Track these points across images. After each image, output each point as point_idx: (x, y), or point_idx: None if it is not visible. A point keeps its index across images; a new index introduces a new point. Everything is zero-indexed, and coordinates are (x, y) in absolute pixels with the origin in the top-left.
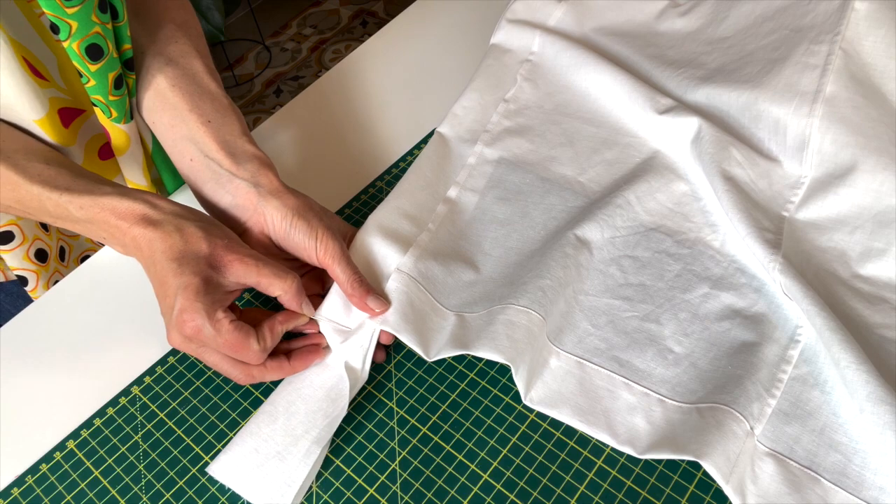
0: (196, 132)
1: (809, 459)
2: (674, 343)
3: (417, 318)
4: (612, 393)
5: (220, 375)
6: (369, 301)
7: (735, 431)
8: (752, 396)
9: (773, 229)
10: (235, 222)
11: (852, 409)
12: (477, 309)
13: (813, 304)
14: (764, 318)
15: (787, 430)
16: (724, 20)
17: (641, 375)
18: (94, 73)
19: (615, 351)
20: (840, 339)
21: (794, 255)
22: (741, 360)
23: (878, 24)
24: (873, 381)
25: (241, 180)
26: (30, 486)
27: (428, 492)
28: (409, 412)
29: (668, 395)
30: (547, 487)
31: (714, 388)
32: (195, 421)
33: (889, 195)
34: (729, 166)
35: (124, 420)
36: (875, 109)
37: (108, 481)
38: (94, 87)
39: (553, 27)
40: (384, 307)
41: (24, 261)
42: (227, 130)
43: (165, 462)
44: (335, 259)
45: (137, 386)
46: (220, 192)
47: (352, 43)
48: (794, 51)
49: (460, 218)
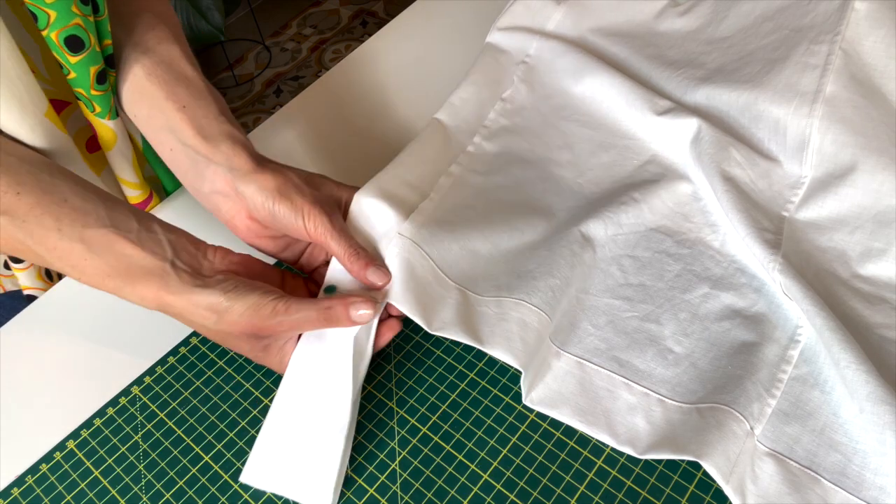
0: (173, 120)
1: (809, 459)
2: (674, 343)
3: (418, 287)
4: (612, 393)
5: (220, 375)
6: (369, 274)
7: (735, 431)
8: (753, 396)
9: (773, 229)
10: (222, 208)
11: (852, 409)
12: (481, 289)
13: (813, 304)
14: (764, 318)
15: (787, 430)
16: (723, 20)
17: (641, 375)
18: (74, 66)
19: (615, 351)
20: (840, 339)
21: (794, 255)
22: (741, 360)
23: (879, 24)
24: (873, 380)
25: (216, 165)
26: (30, 486)
27: (428, 492)
28: (409, 412)
29: (668, 395)
30: (547, 487)
31: (714, 389)
32: (195, 421)
33: (889, 195)
34: (729, 167)
35: (124, 420)
36: (875, 109)
37: (108, 481)
38: (76, 79)
39: (552, 30)
40: (385, 279)
41: (36, 280)
42: (202, 114)
43: (165, 462)
44: (327, 233)
45: (137, 386)
46: (201, 180)
47: (352, 43)
48: (794, 51)
49: (463, 191)
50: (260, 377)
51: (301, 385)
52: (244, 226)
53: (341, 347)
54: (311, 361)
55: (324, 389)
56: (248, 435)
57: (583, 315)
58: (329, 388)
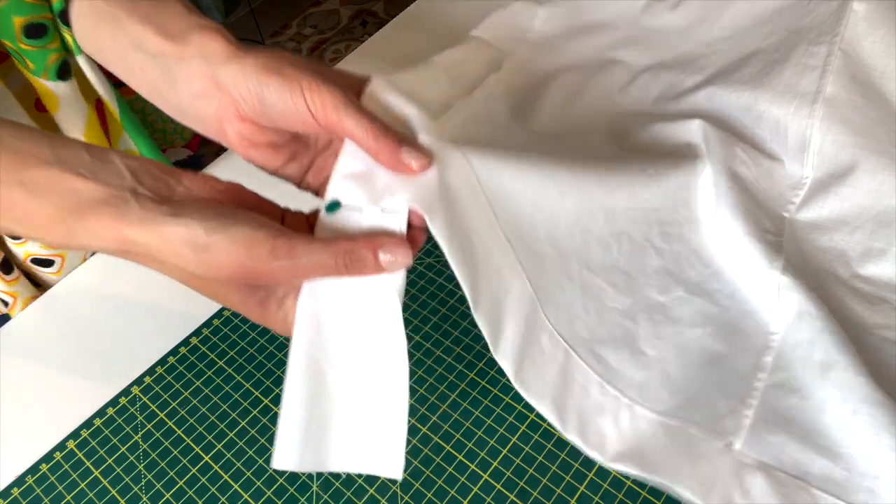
0: (137, 35)
1: (797, 467)
2: (647, 346)
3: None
4: (586, 390)
5: (220, 375)
6: (403, 155)
7: (705, 452)
8: (723, 412)
9: (774, 230)
10: (207, 115)
11: (840, 411)
12: (503, 221)
13: (813, 305)
14: (736, 325)
15: (772, 440)
16: (718, 19)
17: (614, 374)
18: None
19: (594, 344)
20: (837, 342)
21: (795, 256)
22: (712, 374)
23: (878, 25)
24: (871, 383)
25: (188, 61)
26: (30, 486)
27: (428, 492)
28: (409, 412)
29: (637, 398)
30: (547, 487)
31: (683, 402)
32: (195, 421)
33: (889, 195)
34: (734, 165)
35: (124, 420)
36: (875, 110)
37: (108, 481)
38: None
39: (538, 29)
40: (425, 159)
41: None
42: (167, 17)
43: (165, 462)
44: (338, 109)
45: (137, 386)
46: (178, 90)
47: (352, 43)
48: (794, 52)
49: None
50: (260, 377)
51: (331, 340)
52: (235, 131)
53: (381, 295)
54: (335, 311)
55: (366, 340)
56: (248, 435)
57: (579, 293)
58: (372, 337)
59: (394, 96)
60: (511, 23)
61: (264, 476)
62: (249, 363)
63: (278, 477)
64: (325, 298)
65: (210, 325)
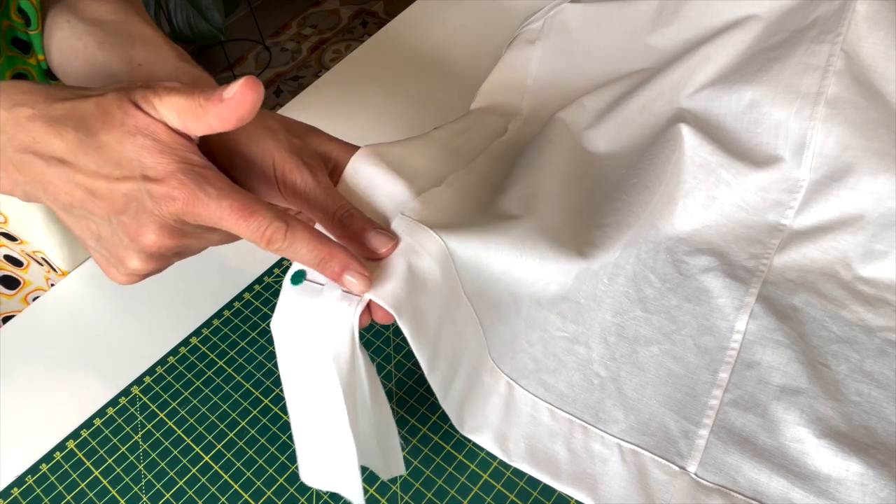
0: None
1: (753, 489)
2: (601, 368)
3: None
4: (534, 419)
5: (220, 375)
6: (371, 238)
7: (657, 477)
8: (677, 436)
9: (759, 254)
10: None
11: (794, 433)
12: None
13: (784, 335)
14: (692, 342)
15: (728, 460)
16: (711, 26)
17: (565, 400)
18: None
19: (542, 374)
20: (809, 374)
21: (786, 271)
22: (666, 394)
23: (878, 27)
24: (837, 416)
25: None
26: (30, 486)
27: (428, 492)
28: (410, 412)
29: (591, 421)
30: (547, 487)
31: (637, 424)
32: (195, 421)
33: (890, 197)
34: (717, 191)
35: (124, 420)
36: (876, 111)
37: (108, 481)
38: None
39: (536, 74)
40: (391, 243)
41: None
42: (160, 67)
43: (165, 462)
44: (308, 187)
45: (137, 386)
46: None
47: (352, 43)
48: (794, 51)
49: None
50: (260, 377)
51: (294, 385)
52: None
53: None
54: (296, 365)
55: (314, 388)
56: (248, 435)
57: (522, 327)
58: (318, 388)
59: (378, 170)
60: (509, 77)
61: (264, 476)
62: (249, 363)
63: (278, 477)
64: (291, 344)
65: (210, 325)
